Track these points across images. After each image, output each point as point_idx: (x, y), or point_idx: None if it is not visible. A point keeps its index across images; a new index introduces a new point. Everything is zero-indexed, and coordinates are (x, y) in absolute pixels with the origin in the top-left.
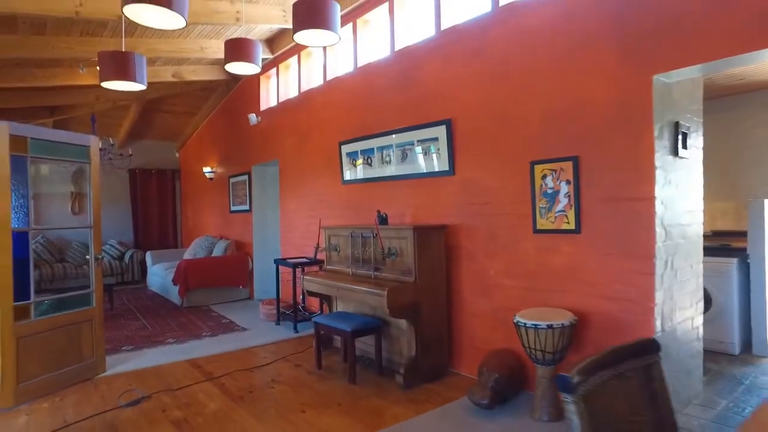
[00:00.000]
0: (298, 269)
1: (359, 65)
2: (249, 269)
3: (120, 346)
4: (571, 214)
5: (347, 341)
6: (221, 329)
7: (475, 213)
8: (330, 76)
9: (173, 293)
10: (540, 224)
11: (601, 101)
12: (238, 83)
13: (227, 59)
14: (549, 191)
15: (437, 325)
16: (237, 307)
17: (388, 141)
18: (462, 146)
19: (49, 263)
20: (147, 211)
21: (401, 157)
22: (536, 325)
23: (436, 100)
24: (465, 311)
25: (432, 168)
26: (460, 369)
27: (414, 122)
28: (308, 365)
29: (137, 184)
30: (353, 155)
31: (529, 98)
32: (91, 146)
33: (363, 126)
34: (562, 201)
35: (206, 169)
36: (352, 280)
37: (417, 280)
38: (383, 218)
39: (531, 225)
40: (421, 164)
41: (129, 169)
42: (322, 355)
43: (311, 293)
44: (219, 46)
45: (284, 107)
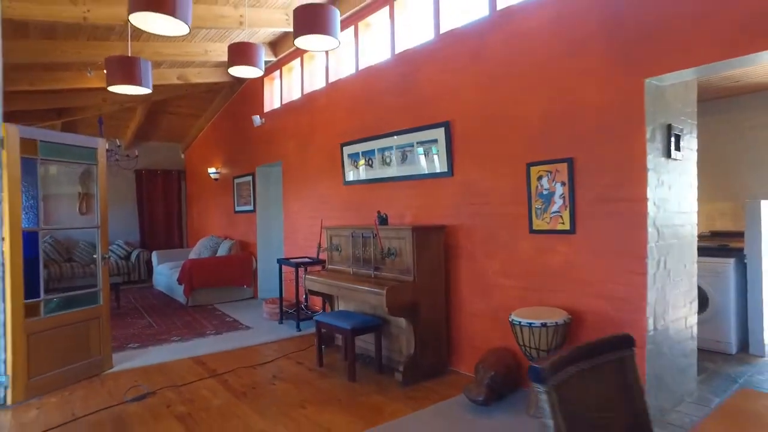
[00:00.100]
0: (301, 269)
1: (361, 68)
2: (253, 269)
3: (126, 344)
4: (566, 215)
5: (347, 339)
6: (225, 328)
7: (474, 213)
8: (332, 79)
9: (179, 292)
10: (536, 225)
11: (595, 104)
12: (243, 85)
13: (231, 63)
14: (544, 192)
15: (436, 324)
16: (241, 306)
17: (389, 142)
18: (460, 148)
19: (58, 263)
20: (153, 212)
21: (401, 159)
22: (531, 324)
23: (435, 103)
24: (463, 310)
25: (431, 169)
26: (459, 367)
27: (414, 124)
28: (310, 363)
29: (143, 185)
30: (355, 156)
31: (525, 101)
32: (99, 148)
33: (364, 128)
34: (557, 202)
35: (211, 170)
36: (353, 280)
37: (416, 280)
38: (383, 219)
39: (527, 225)
40: (421, 165)
41: (135, 170)
42: (324, 353)
43: (313, 292)
44: (223, 49)
45: (287, 109)
